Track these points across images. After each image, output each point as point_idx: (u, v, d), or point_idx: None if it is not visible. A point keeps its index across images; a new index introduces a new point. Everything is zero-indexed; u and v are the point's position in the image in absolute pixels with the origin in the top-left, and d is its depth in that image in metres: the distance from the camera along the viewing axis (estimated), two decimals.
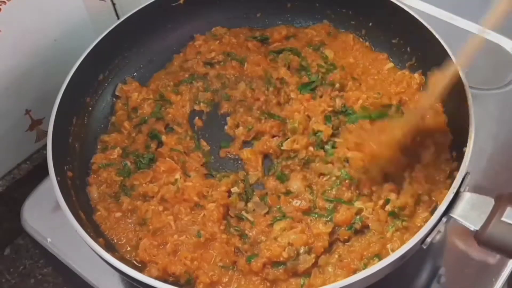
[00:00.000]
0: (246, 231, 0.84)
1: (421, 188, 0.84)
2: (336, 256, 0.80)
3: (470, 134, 0.79)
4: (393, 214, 0.83)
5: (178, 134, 0.95)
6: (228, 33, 1.09)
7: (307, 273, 0.80)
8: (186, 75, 1.03)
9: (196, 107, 1.00)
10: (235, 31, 1.10)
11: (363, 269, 0.78)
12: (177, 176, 0.89)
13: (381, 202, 0.83)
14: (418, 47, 0.99)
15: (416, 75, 0.98)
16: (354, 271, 0.78)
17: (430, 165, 0.85)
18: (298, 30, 1.10)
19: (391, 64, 1.02)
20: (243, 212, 0.86)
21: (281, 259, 0.79)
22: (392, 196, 0.84)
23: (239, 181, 0.90)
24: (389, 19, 1.02)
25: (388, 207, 0.83)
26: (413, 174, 0.85)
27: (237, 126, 0.96)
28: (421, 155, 0.86)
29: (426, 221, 0.73)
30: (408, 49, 1.01)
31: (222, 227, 0.84)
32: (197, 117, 1.00)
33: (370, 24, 1.06)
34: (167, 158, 0.91)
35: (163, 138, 0.94)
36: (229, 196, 0.88)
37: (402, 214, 0.83)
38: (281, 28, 1.09)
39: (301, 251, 0.80)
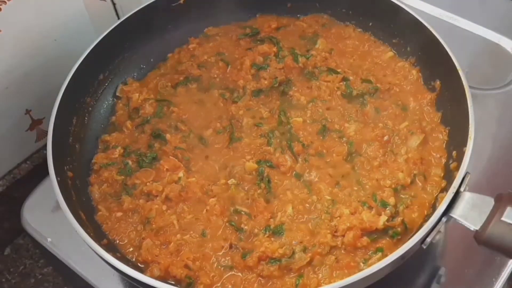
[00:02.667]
0: (242, 225, 0.84)
1: (416, 168, 0.86)
2: (333, 258, 0.80)
3: (470, 134, 0.79)
4: (396, 190, 0.85)
5: (182, 132, 0.95)
6: (220, 32, 1.09)
7: (301, 271, 0.79)
8: (181, 78, 1.03)
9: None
10: (225, 28, 1.10)
11: (364, 264, 0.79)
12: (181, 174, 0.89)
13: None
14: (418, 47, 0.99)
15: (413, 71, 0.99)
16: (353, 269, 0.78)
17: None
18: (290, 20, 1.10)
19: (391, 53, 1.03)
20: (237, 206, 0.86)
21: (276, 255, 0.79)
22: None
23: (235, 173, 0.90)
24: (389, 19, 1.02)
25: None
26: (409, 155, 0.87)
27: None
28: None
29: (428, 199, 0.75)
30: (408, 48, 1.01)
31: (225, 219, 0.85)
32: None
33: (370, 24, 1.06)
34: (171, 157, 0.91)
35: (168, 136, 0.94)
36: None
37: (404, 192, 0.84)
38: (271, 19, 1.10)
39: (297, 249, 0.80)
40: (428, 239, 0.73)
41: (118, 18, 1.08)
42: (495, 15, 1.23)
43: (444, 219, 0.74)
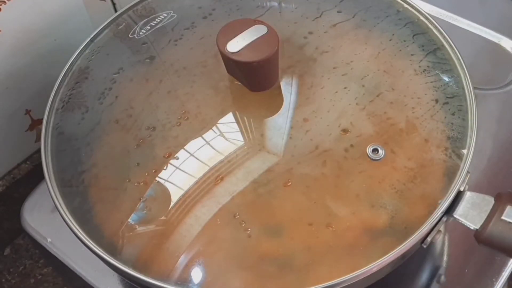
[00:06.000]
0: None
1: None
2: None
3: (471, 133, 0.80)
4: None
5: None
6: None
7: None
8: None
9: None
10: None
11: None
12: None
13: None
14: None
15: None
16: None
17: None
18: None
19: None
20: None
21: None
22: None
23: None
24: None
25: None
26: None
27: None
28: None
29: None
30: None
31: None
32: None
33: None
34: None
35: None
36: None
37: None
38: None
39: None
40: (429, 239, 0.73)
41: None
42: (495, 15, 1.24)
43: (444, 218, 0.74)
